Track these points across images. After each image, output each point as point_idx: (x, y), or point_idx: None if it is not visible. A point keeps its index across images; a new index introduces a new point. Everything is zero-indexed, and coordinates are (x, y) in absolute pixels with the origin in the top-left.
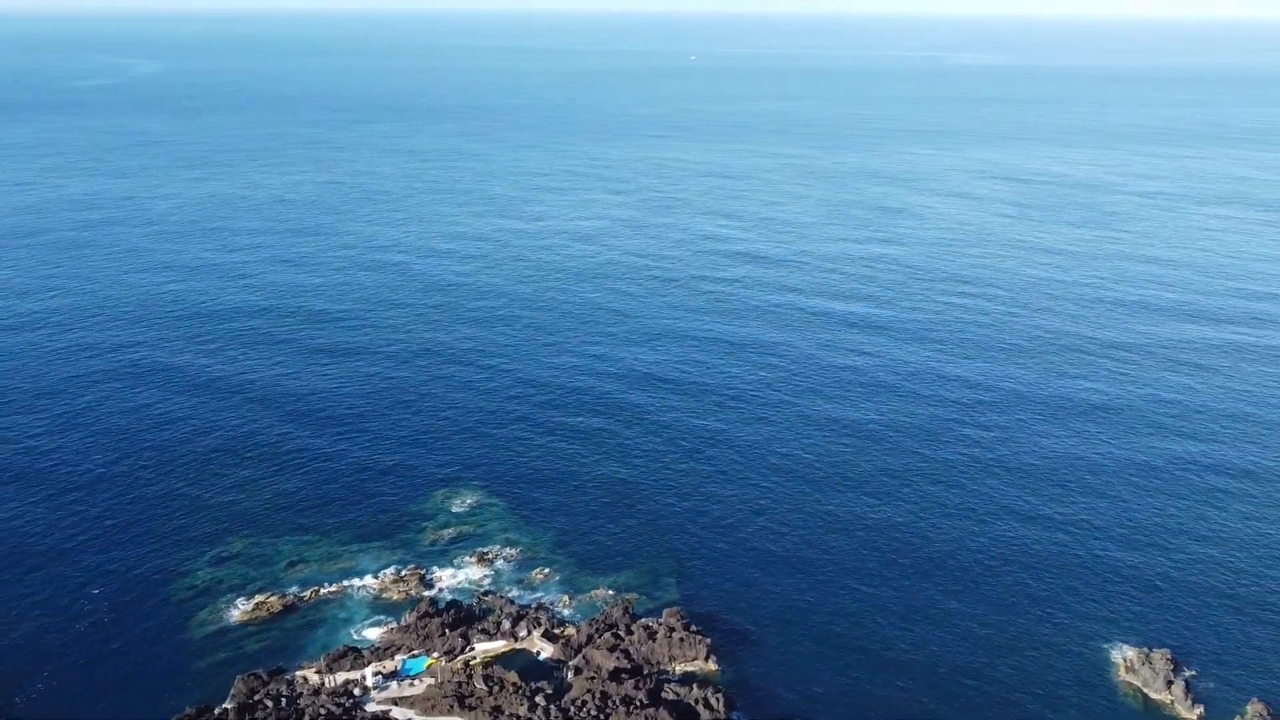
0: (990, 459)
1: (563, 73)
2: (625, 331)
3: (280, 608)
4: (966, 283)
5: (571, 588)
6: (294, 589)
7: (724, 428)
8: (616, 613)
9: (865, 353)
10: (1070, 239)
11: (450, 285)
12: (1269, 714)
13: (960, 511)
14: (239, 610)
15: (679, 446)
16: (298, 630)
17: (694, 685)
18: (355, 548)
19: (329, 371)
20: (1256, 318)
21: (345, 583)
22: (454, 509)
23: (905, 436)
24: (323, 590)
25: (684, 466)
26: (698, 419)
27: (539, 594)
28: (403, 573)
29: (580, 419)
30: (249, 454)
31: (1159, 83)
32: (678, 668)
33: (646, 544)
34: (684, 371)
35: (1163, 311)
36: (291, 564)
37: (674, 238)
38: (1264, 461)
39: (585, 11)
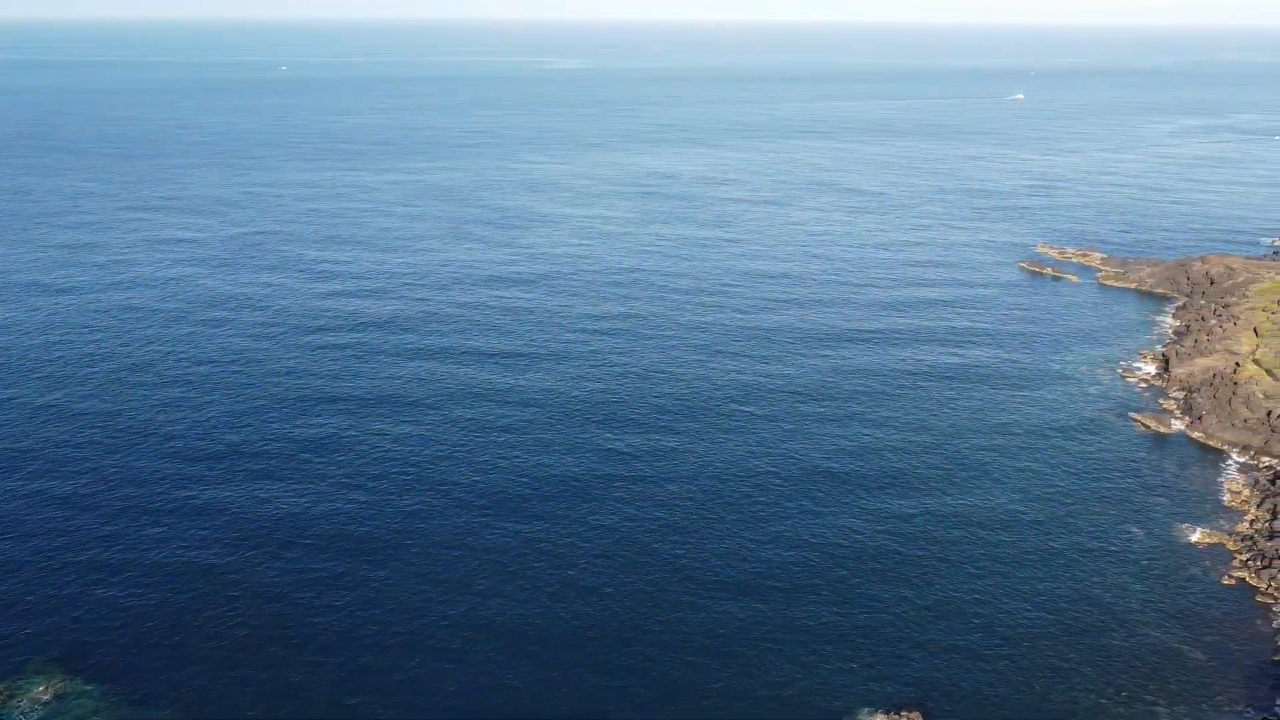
0: (687, 550)
1: (117, 90)
2: (221, 441)
3: None
4: (611, 319)
5: None
6: None
7: (375, 562)
8: None
9: (516, 432)
10: (701, 255)
11: None
12: None
13: (671, 616)
14: None
15: (316, 575)
16: None
17: None
18: None
19: None
20: (907, 332)
21: None
22: (22, 712)
23: (564, 507)
24: None
25: (324, 602)
26: (332, 557)
27: None
28: None
29: (176, 571)
30: None
31: (731, 82)
32: None
33: (305, 710)
34: (305, 490)
35: (823, 336)
36: None
37: (272, 298)
38: (971, 499)
39: (163, 20)
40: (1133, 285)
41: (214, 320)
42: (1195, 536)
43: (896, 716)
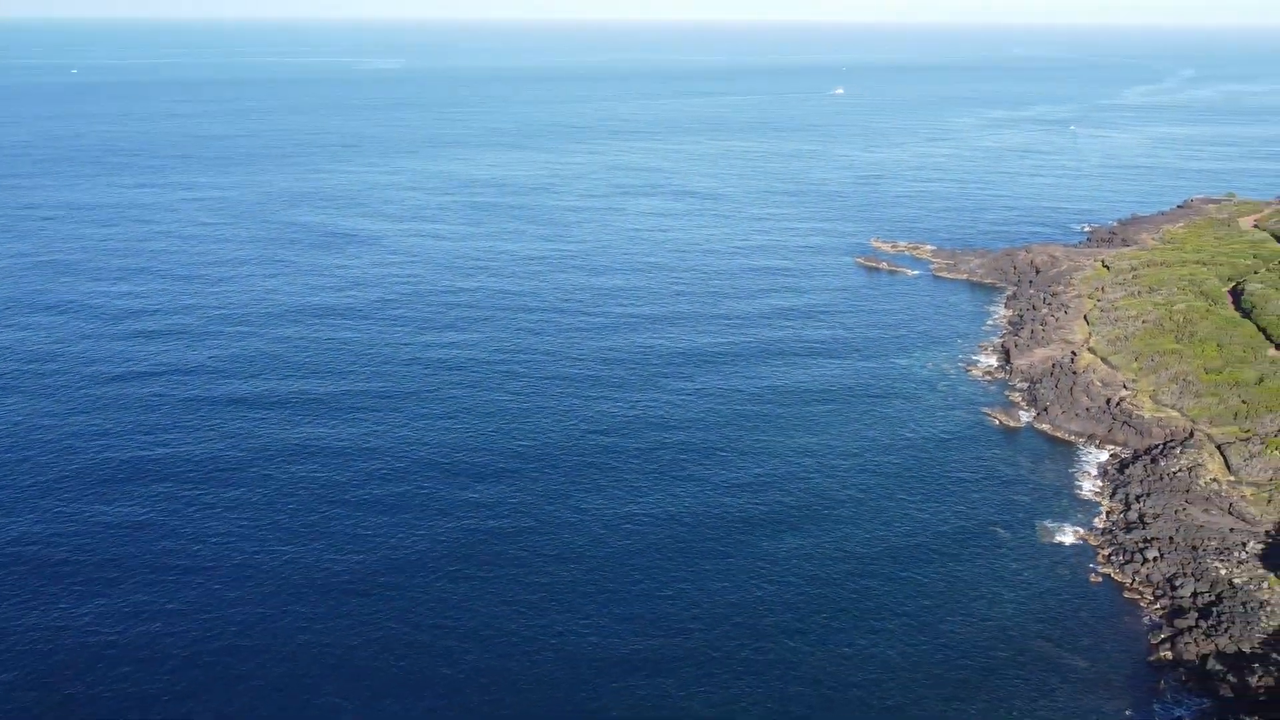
0: (553, 621)
1: None
2: None
3: None
4: (452, 348)
5: None
6: None
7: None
8: None
9: (355, 490)
10: (540, 271)
11: None
12: None
13: (545, 694)
14: None
15: (130, 701)
16: None
17: None
18: None
19: None
20: (757, 346)
21: None
22: None
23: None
24: None
25: None
26: (145, 679)
27: None
28: None
29: None
30: None
31: (558, 81)
32: None
33: None
34: (106, 590)
35: (675, 356)
36: None
37: (58, 345)
38: (844, 529)
39: None
40: (964, 276)
41: None
42: (1058, 535)
43: None
